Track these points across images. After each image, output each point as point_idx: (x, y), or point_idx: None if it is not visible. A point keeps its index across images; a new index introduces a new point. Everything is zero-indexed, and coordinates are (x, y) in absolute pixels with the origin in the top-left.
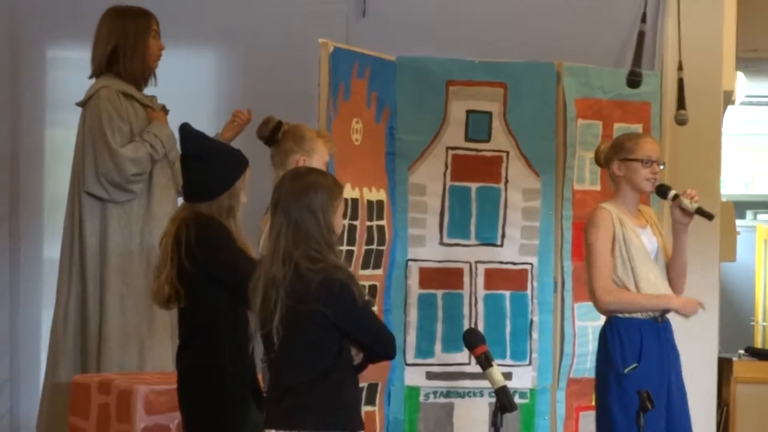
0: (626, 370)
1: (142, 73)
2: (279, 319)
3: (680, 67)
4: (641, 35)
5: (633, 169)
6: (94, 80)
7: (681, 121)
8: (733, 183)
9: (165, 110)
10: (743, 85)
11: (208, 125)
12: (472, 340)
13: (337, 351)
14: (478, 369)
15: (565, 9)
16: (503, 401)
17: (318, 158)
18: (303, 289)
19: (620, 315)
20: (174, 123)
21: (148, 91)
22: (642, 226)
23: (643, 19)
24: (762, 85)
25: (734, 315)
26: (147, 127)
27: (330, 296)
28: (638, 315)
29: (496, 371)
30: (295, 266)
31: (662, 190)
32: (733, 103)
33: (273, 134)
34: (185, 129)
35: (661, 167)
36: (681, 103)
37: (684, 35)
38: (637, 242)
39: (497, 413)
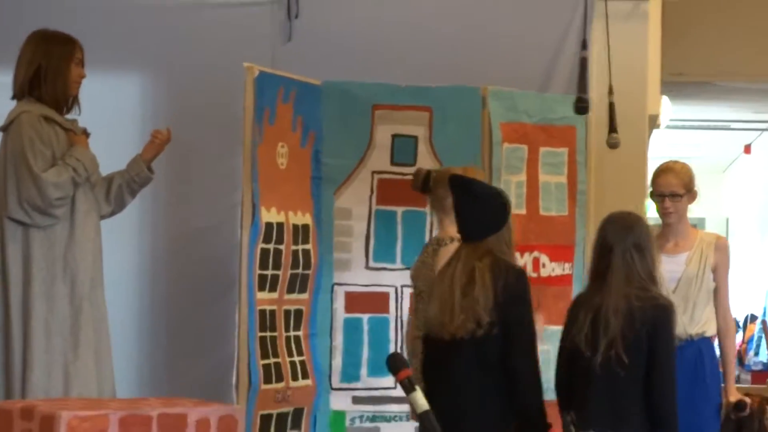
0: None
1: (63, 98)
2: (607, 346)
3: (611, 91)
4: (583, 61)
5: (655, 202)
6: (15, 103)
7: (613, 145)
8: None
9: (86, 134)
10: (668, 108)
11: (132, 149)
12: (395, 364)
13: None
14: (404, 393)
15: (490, 34)
16: (426, 426)
17: None
18: (631, 319)
19: None
20: (98, 147)
21: (72, 117)
22: (672, 253)
23: (584, 46)
24: (687, 109)
25: None
26: (69, 151)
27: (654, 321)
28: None
29: (420, 396)
30: (627, 299)
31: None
32: (658, 126)
33: (425, 184)
34: (454, 179)
35: (677, 199)
36: (612, 127)
37: (610, 60)
38: None
39: None
